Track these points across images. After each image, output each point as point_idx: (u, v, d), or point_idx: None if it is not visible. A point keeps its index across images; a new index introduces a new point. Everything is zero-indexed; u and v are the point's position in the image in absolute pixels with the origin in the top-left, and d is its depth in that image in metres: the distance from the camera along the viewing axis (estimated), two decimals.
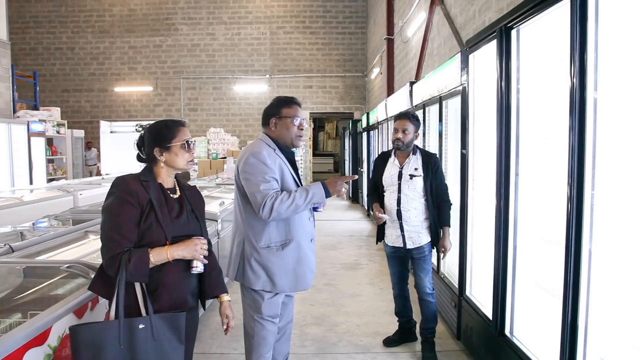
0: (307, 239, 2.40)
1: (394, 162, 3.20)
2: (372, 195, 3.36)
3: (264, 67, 16.13)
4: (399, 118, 3.15)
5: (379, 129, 7.96)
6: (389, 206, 3.18)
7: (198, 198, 2.07)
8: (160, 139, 1.90)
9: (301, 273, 2.37)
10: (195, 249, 1.85)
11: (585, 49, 1.82)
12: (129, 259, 1.71)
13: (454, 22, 6.49)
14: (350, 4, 16.14)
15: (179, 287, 1.88)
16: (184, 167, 1.93)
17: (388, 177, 3.19)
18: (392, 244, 3.23)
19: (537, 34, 2.40)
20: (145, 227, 1.78)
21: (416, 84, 4.94)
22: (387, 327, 3.94)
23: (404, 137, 3.09)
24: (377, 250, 6.83)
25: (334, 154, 24.69)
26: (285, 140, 2.37)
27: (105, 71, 15.72)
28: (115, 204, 1.78)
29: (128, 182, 1.82)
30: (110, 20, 15.67)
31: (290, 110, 2.36)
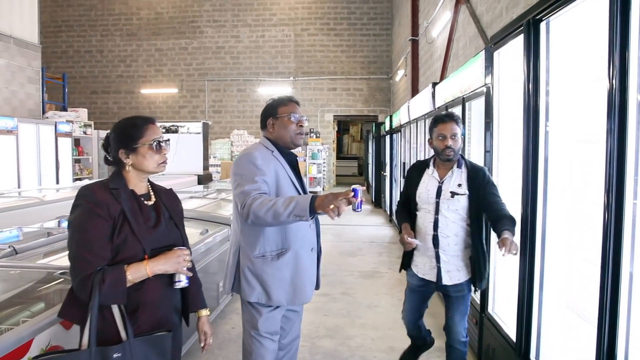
0: (306, 248, 2.19)
1: (432, 174, 2.55)
2: (402, 212, 2.68)
3: (288, 69, 16.08)
4: (442, 121, 2.49)
5: (402, 132, 7.72)
6: (422, 229, 2.54)
7: (175, 202, 1.88)
8: (125, 139, 1.69)
9: (299, 285, 2.16)
10: (178, 262, 1.65)
11: (627, 40, 1.58)
12: (102, 280, 1.50)
13: (479, 21, 6.21)
14: (375, 5, 15.93)
15: (161, 304, 1.69)
16: (153, 169, 1.72)
17: (424, 193, 2.54)
18: (423, 275, 2.57)
19: (569, 27, 2.16)
20: (120, 241, 1.57)
21: (439, 85, 4.70)
22: (403, 342, 3.70)
23: (455, 144, 2.44)
24: (398, 258, 6.57)
25: (358, 157, 24.46)
26: (284, 139, 2.20)
27: (132, 73, 15.96)
28: (82, 218, 1.56)
29: (95, 191, 1.61)
30: (137, 23, 15.90)
31: (287, 107, 2.20)
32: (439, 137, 2.48)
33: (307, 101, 16.09)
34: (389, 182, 9.67)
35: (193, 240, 3.64)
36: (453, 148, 2.45)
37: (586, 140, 2.12)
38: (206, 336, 1.90)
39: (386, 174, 10.28)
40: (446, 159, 2.48)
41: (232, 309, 4.32)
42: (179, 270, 1.66)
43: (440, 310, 4.25)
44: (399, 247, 7.44)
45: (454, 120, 2.49)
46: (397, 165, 8.72)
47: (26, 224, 4.01)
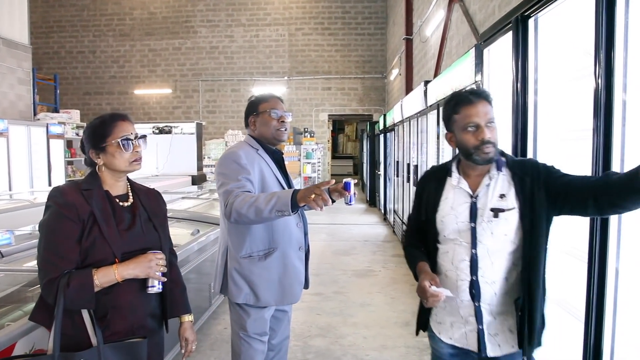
0: (294, 248, 2.16)
1: (458, 184, 1.70)
2: (414, 247, 1.82)
3: (283, 69, 16.04)
4: (468, 102, 1.61)
5: (396, 131, 7.72)
6: (451, 272, 1.67)
7: (156, 203, 1.80)
8: (94, 138, 1.63)
9: (287, 285, 2.13)
10: (149, 266, 1.57)
11: (612, 40, 1.58)
12: (67, 284, 1.45)
13: (473, 19, 6.22)
14: (370, 4, 15.93)
15: (134, 309, 1.61)
16: (125, 168, 1.64)
17: (450, 216, 1.68)
18: (454, 342, 1.71)
19: (557, 23, 2.16)
20: (88, 244, 1.52)
21: (430, 83, 4.71)
22: (395, 340, 3.72)
23: (493, 134, 1.60)
24: (392, 257, 6.59)
25: (353, 157, 24.47)
26: (266, 136, 2.17)
27: (126, 74, 15.87)
28: (50, 220, 1.52)
29: (65, 192, 1.55)
30: (130, 23, 15.82)
31: (268, 104, 2.17)
32: (467, 127, 1.60)
33: (301, 101, 16.07)
34: (383, 181, 9.68)
35: (184, 241, 3.62)
36: (493, 142, 1.59)
37: (572, 138, 2.12)
38: (187, 343, 1.81)
39: (380, 173, 10.29)
40: (484, 159, 1.60)
41: (225, 310, 4.30)
42: (150, 275, 1.58)
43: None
44: (394, 245, 7.51)
45: (484, 98, 1.62)
46: (391, 164, 8.72)
47: (17, 227, 3.98)
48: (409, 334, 3.81)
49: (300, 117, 16.00)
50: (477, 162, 1.62)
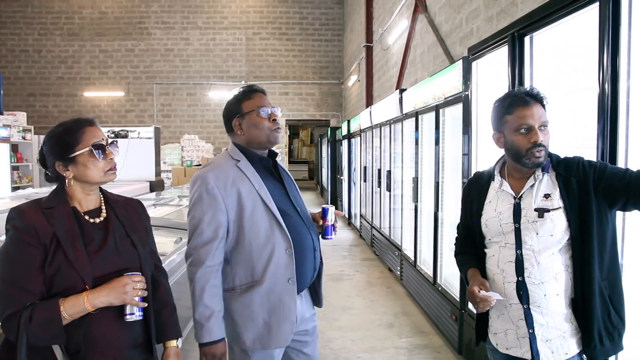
0: (281, 280, 1.77)
1: (500, 188, 1.71)
2: (464, 252, 1.86)
3: (240, 74, 15.92)
4: (524, 103, 1.59)
5: (362, 137, 7.88)
6: (497, 274, 1.67)
7: (136, 215, 1.59)
8: (59, 149, 1.43)
9: (274, 325, 1.77)
10: (124, 291, 1.37)
11: (617, 51, 1.75)
12: (30, 318, 1.27)
13: (438, 30, 6.48)
14: (327, 11, 16.15)
15: (112, 341, 1.41)
16: (100, 179, 1.46)
17: (493, 219, 1.70)
18: (507, 350, 1.68)
19: (552, 40, 2.34)
20: (53, 271, 1.33)
21: (407, 91, 4.86)
22: (383, 342, 3.82)
23: (546, 138, 1.59)
24: (362, 260, 6.72)
25: (308, 161, 24.59)
26: (259, 140, 1.82)
27: (75, 75, 15.17)
28: (8, 246, 1.34)
29: (24, 214, 1.37)
30: (79, 22, 15.15)
31: (253, 101, 1.82)
32: (519, 129, 1.58)
33: None
34: (347, 186, 9.82)
35: (168, 250, 3.53)
36: (545, 145, 1.57)
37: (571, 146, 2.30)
38: None
39: (343, 178, 10.43)
40: (535, 163, 1.58)
41: None
42: (126, 302, 1.38)
43: (414, 309, 4.41)
44: (362, 249, 7.65)
45: (539, 101, 1.61)
46: (357, 170, 8.88)
47: None
48: (395, 335, 3.93)
49: None
50: (526, 165, 1.59)
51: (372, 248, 7.13)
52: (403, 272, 5.11)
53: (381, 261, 6.50)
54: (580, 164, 1.59)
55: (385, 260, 6.20)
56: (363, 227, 7.99)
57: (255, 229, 1.76)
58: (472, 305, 1.66)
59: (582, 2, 1.94)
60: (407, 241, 5.07)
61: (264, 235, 1.76)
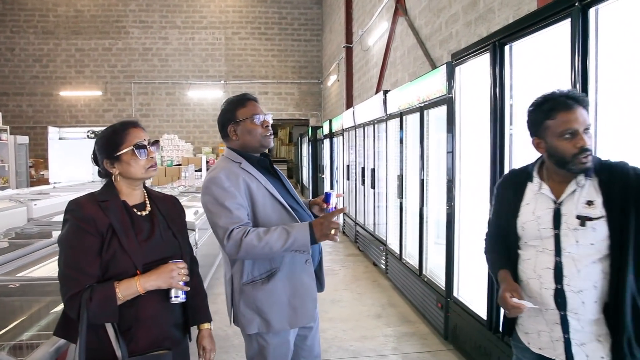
0: (299, 263, 1.95)
1: (540, 191, 1.65)
2: (495, 252, 1.81)
3: (219, 73, 15.97)
4: (567, 107, 1.53)
5: (345, 136, 8.08)
6: (534, 280, 1.64)
7: (175, 210, 1.77)
8: (107, 148, 1.60)
9: (299, 305, 1.93)
10: (171, 276, 1.54)
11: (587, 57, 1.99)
12: (90, 298, 1.43)
13: (419, 33, 6.73)
14: (306, 11, 16.32)
15: (158, 321, 1.59)
16: (141, 176, 1.62)
17: (531, 222, 1.65)
18: (540, 351, 1.67)
19: (528, 50, 2.57)
20: (109, 257, 1.50)
21: (391, 92, 5.08)
22: (373, 331, 4.02)
23: (591, 141, 1.55)
24: (347, 256, 6.93)
25: (287, 160, 24.69)
26: (252, 145, 1.98)
27: (50, 74, 14.95)
28: (69, 234, 1.50)
29: (82, 205, 1.53)
30: (54, 20, 14.93)
31: (246, 109, 1.97)
32: (563, 134, 1.52)
33: None
34: (329, 184, 10.02)
35: None
36: (591, 150, 1.53)
37: None
38: (205, 352, 1.77)
39: (325, 176, 10.62)
40: (581, 169, 1.54)
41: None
42: (173, 285, 1.55)
43: (399, 300, 4.64)
44: (346, 245, 7.87)
45: (581, 103, 1.55)
46: (339, 168, 9.09)
47: None
48: (384, 325, 4.14)
49: None
50: (572, 171, 1.55)
51: (356, 244, 7.34)
52: (388, 266, 5.33)
53: (365, 256, 6.72)
54: (625, 170, 1.53)
55: (369, 255, 6.42)
56: (347, 224, 8.20)
57: (268, 219, 1.91)
58: (502, 308, 1.61)
59: (556, 17, 2.16)
60: (392, 236, 5.29)
61: (277, 225, 1.87)
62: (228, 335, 3.81)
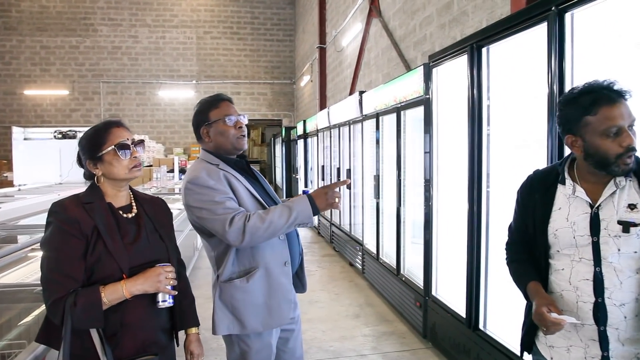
0: (278, 263, 1.92)
1: (573, 194, 1.48)
2: (521, 262, 1.62)
3: (191, 73, 15.73)
4: (610, 101, 1.35)
5: (320, 137, 8.09)
6: (570, 293, 1.47)
7: (162, 212, 1.74)
8: (89, 149, 1.56)
9: (275, 306, 1.91)
10: (158, 280, 1.50)
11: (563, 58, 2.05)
12: (74, 302, 1.39)
13: (393, 34, 6.80)
14: (279, 11, 16.26)
15: (145, 326, 1.55)
16: (125, 176, 1.57)
17: (565, 229, 1.48)
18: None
19: (504, 52, 2.63)
20: (94, 260, 1.45)
21: (367, 93, 5.11)
22: (352, 331, 4.03)
23: (636, 139, 1.39)
24: (323, 257, 6.93)
25: (260, 161, 24.55)
26: (225, 147, 1.93)
27: (13, 72, 14.40)
28: (53, 237, 1.46)
29: (66, 207, 1.48)
30: (17, 16, 14.39)
31: (219, 110, 1.92)
32: (607, 132, 1.36)
33: None
34: (304, 185, 10.01)
35: None
36: (635, 147, 1.37)
37: (521, 146, 2.60)
38: (193, 356, 1.76)
39: (298, 177, 10.61)
40: (625, 171, 1.39)
41: None
42: (160, 290, 1.51)
43: (377, 300, 4.67)
44: (321, 246, 7.88)
45: (625, 96, 1.37)
46: (313, 169, 9.09)
47: None
48: (362, 325, 4.16)
49: None
50: (614, 173, 1.39)
51: (332, 244, 7.36)
52: (365, 266, 5.36)
53: (341, 256, 6.74)
54: None
55: (345, 255, 6.44)
56: (322, 225, 8.21)
57: None
58: (539, 326, 1.44)
59: (532, 21, 2.22)
60: (369, 236, 5.33)
61: None
62: (206, 339, 3.75)
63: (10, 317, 2.34)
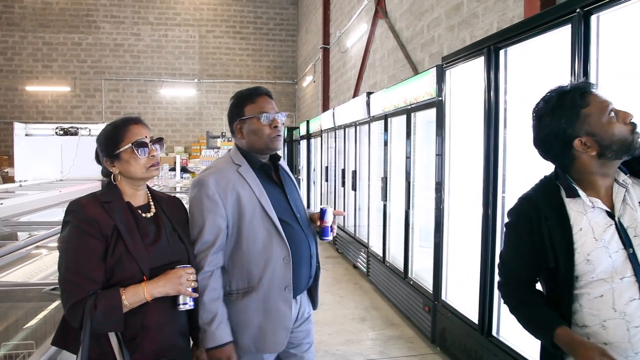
0: (277, 288, 1.75)
1: (591, 204, 1.31)
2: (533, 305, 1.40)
3: (192, 71, 15.70)
4: (591, 88, 1.32)
5: (324, 138, 8.05)
6: (616, 321, 1.26)
7: (179, 211, 1.68)
8: (106, 146, 1.51)
9: (270, 331, 1.76)
10: (179, 282, 1.45)
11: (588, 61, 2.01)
12: (94, 305, 1.33)
13: (399, 35, 6.77)
14: (281, 11, 16.23)
15: (164, 329, 1.49)
16: (142, 175, 1.52)
17: (599, 250, 1.27)
18: None
19: (521, 54, 2.59)
20: (114, 261, 1.40)
21: (374, 94, 5.07)
22: (358, 335, 3.99)
23: None
24: (326, 258, 6.88)
25: None
26: (258, 147, 1.79)
27: (15, 68, 14.35)
28: (70, 237, 1.39)
29: (85, 206, 1.42)
30: (20, 12, 14.34)
31: (255, 105, 1.76)
32: (609, 113, 1.29)
33: (212, 104, 15.84)
34: (306, 185, 9.97)
35: None
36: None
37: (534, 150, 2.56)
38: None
39: (301, 178, 10.56)
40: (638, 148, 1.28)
41: None
42: (181, 292, 1.47)
43: (382, 303, 4.62)
44: (324, 248, 7.80)
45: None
46: (316, 170, 9.05)
47: None
48: (369, 328, 4.11)
49: (210, 121, 15.79)
50: (633, 154, 1.28)
51: (335, 246, 7.31)
52: (370, 268, 5.32)
53: (344, 258, 6.69)
54: None
55: (349, 257, 6.40)
56: None
57: (252, 236, 1.73)
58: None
59: (555, 23, 2.18)
60: (375, 238, 5.28)
61: (261, 243, 1.73)
62: None
63: (17, 318, 2.29)
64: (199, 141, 15.16)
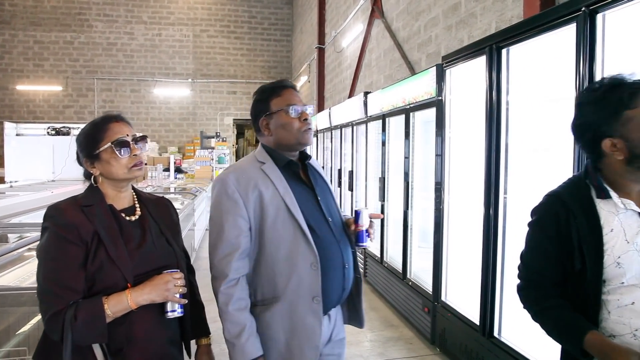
0: (304, 299, 1.57)
1: (625, 206, 1.25)
2: (558, 308, 1.30)
3: (186, 71, 15.60)
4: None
5: (320, 138, 8.02)
6: None
7: (168, 214, 1.59)
8: (86, 146, 1.42)
9: (296, 349, 1.57)
10: (166, 288, 1.36)
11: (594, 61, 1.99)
12: (74, 316, 1.25)
13: (396, 35, 6.74)
14: (276, 11, 16.18)
15: (153, 339, 1.41)
16: (124, 176, 1.42)
17: (631, 254, 1.23)
18: None
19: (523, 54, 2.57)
20: (95, 268, 1.31)
21: (372, 94, 5.04)
22: (357, 336, 3.95)
23: None
24: None
25: None
26: (288, 142, 1.64)
27: (5, 67, 14.18)
28: (49, 244, 1.31)
29: (63, 211, 1.34)
30: (10, 10, 14.17)
31: (282, 99, 1.63)
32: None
33: (205, 104, 15.75)
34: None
35: None
36: None
37: (538, 149, 2.54)
38: None
39: None
40: None
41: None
42: (169, 299, 1.38)
43: (380, 304, 4.58)
44: None
45: None
46: None
47: None
48: (367, 329, 4.07)
49: (204, 121, 15.71)
50: None
51: None
52: (367, 269, 5.29)
53: None
54: None
55: None
56: None
57: (277, 238, 1.58)
58: None
59: (559, 21, 2.16)
60: None
61: (286, 246, 1.57)
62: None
63: (9, 323, 2.22)
64: (192, 141, 15.07)
